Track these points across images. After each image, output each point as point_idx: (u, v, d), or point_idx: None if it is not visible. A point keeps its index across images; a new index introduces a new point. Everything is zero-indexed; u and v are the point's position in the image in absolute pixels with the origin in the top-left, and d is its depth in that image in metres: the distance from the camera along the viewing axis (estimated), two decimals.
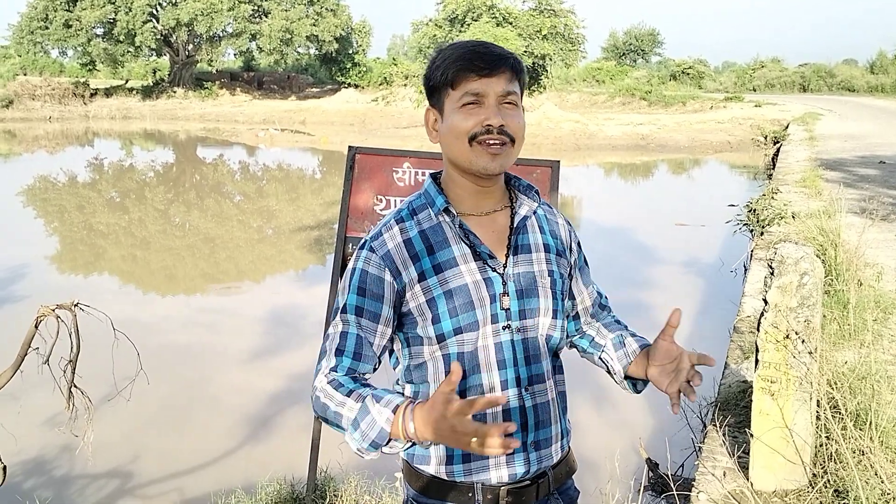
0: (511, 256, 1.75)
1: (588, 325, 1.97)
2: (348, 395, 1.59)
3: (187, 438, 5.31)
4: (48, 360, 2.83)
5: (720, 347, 5.53)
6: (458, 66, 1.65)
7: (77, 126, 35.01)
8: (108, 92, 40.97)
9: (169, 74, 42.86)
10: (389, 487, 4.02)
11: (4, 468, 3.11)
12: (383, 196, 3.72)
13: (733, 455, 3.52)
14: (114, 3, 38.75)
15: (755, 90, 46.94)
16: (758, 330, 3.19)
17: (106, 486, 4.68)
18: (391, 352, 1.81)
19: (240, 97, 42.02)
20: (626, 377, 1.87)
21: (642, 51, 64.31)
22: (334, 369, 1.65)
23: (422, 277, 1.68)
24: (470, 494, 1.73)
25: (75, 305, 2.80)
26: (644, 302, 8.49)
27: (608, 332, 1.94)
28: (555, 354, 1.82)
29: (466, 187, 1.74)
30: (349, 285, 1.70)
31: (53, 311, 2.78)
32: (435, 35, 33.54)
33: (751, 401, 3.33)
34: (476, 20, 33.31)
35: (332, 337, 1.69)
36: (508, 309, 1.71)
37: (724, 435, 3.66)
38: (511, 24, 33.26)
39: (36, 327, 2.78)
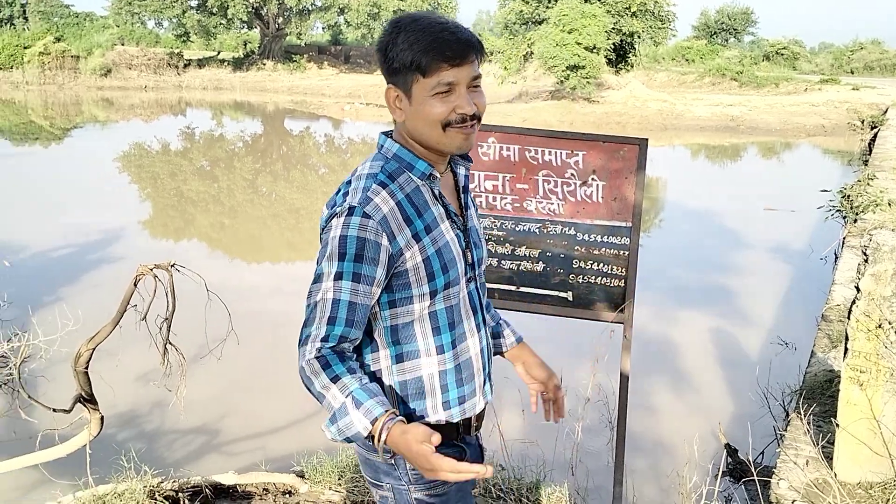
0: (466, 213, 1.91)
1: None
2: (333, 380, 1.60)
3: (272, 400, 5.48)
4: (145, 316, 2.96)
5: (807, 335, 5.41)
6: (430, 56, 1.67)
7: (171, 95, 36.03)
8: (201, 63, 42.02)
9: (259, 47, 43.66)
10: None
11: (102, 418, 3.27)
12: None
13: (817, 444, 3.45)
14: None
15: (853, 73, 45.08)
16: (848, 318, 3.11)
17: (193, 441, 4.87)
18: None
19: (327, 71, 42.53)
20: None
21: (734, 30, 62.21)
22: (325, 339, 1.63)
23: (416, 238, 1.74)
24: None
25: (172, 266, 2.92)
26: (729, 287, 8.33)
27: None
28: None
29: (429, 156, 1.80)
30: (343, 252, 1.66)
31: (151, 270, 2.90)
32: (521, 11, 33.04)
33: (837, 390, 3.26)
34: None
35: (320, 304, 1.66)
36: (472, 262, 1.88)
37: (807, 424, 3.58)
38: (599, 0, 32.65)
39: (135, 285, 2.90)
